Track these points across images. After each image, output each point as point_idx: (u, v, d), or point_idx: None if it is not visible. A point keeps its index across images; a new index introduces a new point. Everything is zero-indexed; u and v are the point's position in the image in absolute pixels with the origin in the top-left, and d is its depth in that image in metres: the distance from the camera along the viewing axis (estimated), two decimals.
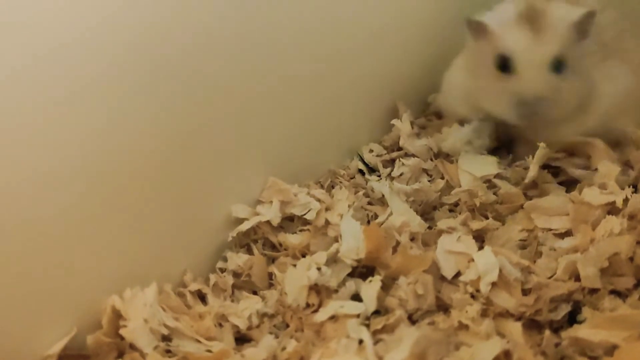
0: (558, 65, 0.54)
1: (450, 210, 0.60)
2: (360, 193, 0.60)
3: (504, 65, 0.55)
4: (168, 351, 0.46)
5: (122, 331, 0.45)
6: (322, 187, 0.64)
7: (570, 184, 0.59)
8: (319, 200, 0.58)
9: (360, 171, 0.67)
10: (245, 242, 0.57)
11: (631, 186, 0.52)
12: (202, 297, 0.53)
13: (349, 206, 0.57)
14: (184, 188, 0.53)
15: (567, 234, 0.52)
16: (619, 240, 0.46)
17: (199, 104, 0.53)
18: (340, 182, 0.64)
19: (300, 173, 0.63)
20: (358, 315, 0.46)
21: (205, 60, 0.52)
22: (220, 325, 0.49)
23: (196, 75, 0.51)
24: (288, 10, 0.57)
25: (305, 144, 0.64)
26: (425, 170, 0.65)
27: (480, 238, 0.54)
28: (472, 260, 0.48)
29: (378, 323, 0.45)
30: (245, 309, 0.50)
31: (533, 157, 0.57)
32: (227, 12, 0.52)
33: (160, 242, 0.52)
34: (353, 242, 0.52)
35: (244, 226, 0.56)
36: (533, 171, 0.58)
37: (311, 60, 0.61)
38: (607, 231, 0.47)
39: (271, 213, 0.57)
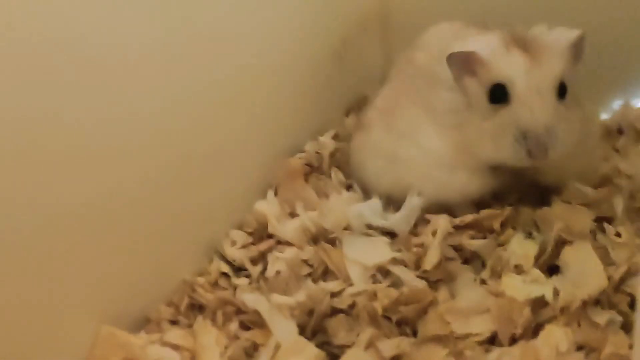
0: (562, 91, 0.46)
1: (346, 314, 0.48)
2: (233, 325, 0.46)
3: (500, 96, 0.46)
4: None
5: None
6: (177, 310, 0.48)
7: (473, 258, 0.51)
8: (177, 348, 0.43)
9: (225, 273, 0.53)
10: None
11: (554, 273, 0.45)
12: None
13: (221, 355, 0.42)
14: None
15: (492, 338, 0.43)
16: None
17: None
18: (201, 297, 0.50)
19: (145, 296, 0.48)
20: None
21: None
22: None
23: None
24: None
25: (146, 254, 0.48)
26: (305, 261, 0.53)
27: None
28: None
29: None
30: None
31: None
32: None
33: None
34: None
35: None
36: (435, 256, 0.49)
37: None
38: (552, 349, 0.38)
39: None
